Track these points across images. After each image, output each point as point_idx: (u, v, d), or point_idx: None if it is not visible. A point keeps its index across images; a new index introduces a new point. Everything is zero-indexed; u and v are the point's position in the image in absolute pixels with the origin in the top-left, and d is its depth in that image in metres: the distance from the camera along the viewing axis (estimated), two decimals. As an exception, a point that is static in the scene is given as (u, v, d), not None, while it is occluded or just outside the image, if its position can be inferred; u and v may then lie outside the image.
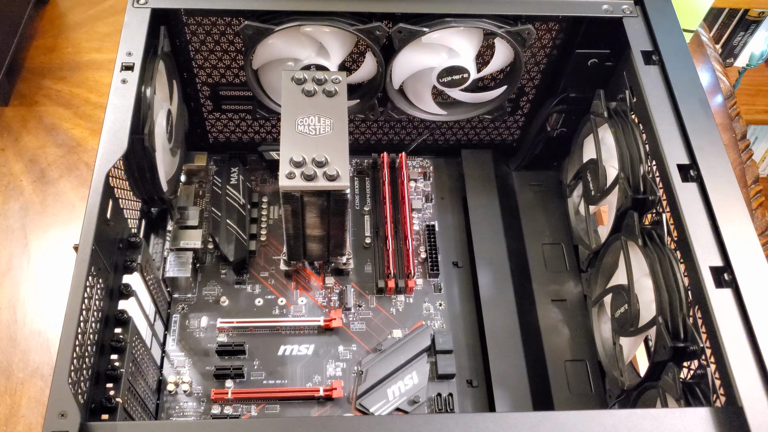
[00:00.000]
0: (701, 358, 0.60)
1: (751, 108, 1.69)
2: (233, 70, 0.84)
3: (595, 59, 0.80)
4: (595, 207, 0.84)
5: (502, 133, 0.96)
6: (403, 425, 0.53)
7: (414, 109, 0.87)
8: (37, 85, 1.14)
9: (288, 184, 0.68)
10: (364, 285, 0.86)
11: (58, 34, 1.22)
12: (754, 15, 1.63)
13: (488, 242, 0.88)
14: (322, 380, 0.79)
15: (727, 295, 0.58)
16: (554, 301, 0.86)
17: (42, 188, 1.02)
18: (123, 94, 0.66)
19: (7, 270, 0.94)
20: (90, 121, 1.10)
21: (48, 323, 0.89)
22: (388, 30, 0.75)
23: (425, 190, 0.95)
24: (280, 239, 0.87)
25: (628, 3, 0.76)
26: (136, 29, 0.70)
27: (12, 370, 0.85)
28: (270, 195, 0.93)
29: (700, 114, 0.68)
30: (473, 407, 0.78)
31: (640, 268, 0.69)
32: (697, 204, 0.63)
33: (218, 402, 0.76)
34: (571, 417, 0.53)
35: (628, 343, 0.74)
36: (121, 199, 0.70)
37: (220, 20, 0.77)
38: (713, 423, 0.53)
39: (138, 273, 0.69)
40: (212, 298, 0.84)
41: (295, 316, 0.83)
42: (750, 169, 1.13)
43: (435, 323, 0.84)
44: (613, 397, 0.77)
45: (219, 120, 0.92)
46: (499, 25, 0.76)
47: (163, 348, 0.80)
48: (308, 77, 0.74)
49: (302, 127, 0.71)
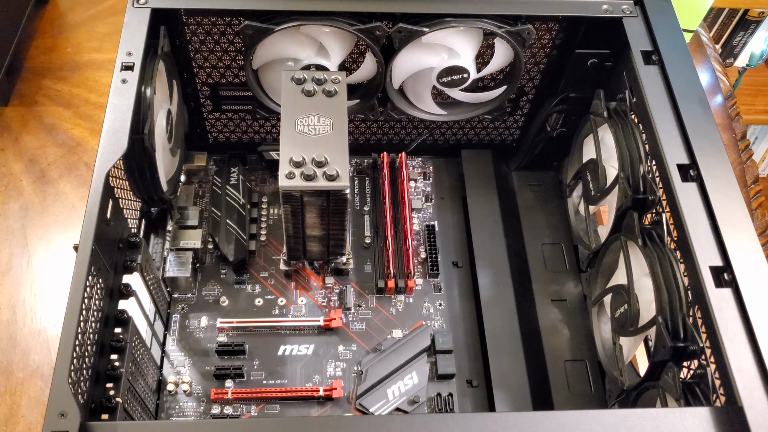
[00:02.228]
0: (701, 357, 0.60)
1: (751, 108, 1.69)
2: (233, 70, 0.84)
3: (594, 59, 0.80)
4: (594, 207, 0.84)
5: (502, 133, 0.96)
6: (403, 425, 0.53)
7: (414, 109, 0.87)
8: (37, 85, 1.14)
9: (288, 184, 0.68)
10: (364, 285, 0.86)
11: (58, 34, 1.22)
12: (754, 15, 1.63)
13: (488, 242, 0.88)
14: (322, 380, 0.79)
15: (727, 294, 0.58)
16: (554, 301, 0.86)
17: (42, 188, 1.02)
18: (123, 94, 0.66)
19: (7, 270, 0.94)
20: (90, 121, 1.10)
21: (48, 323, 0.89)
22: (388, 30, 0.75)
23: (425, 190, 0.95)
24: (280, 239, 0.87)
25: (628, 3, 0.76)
26: (136, 29, 0.70)
27: (12, 370, 0.85)
28: (270, 195, 0.93)
29: (700, 114, 0.68)
30: (473, 407, 0.78)
31: (640, 268, 0.69)
32: (697, 204, 0.63)
33: (218, 402, 0.76)
34: (571, 417, 0.53)
35: (628, 343, 0.74)
36: (121, 199, 0.70)
37: (220, 20, 0.77)
38: (713, 423, 0.53)
39: (138, 273, 0.69)
40: (212, 298, 0.84)
41: (295, 316, 0.83)
42: (750, 169, 1.13)
43: (435, 323, 0.84)
44: (613, 397, 0.77)
45: (219, 120, 0.92)
46: (499, 25, 0.76)
47: (163, 348, 0.80)
48: (308, 77, 0.74)
49: (302, 127, 0.71)
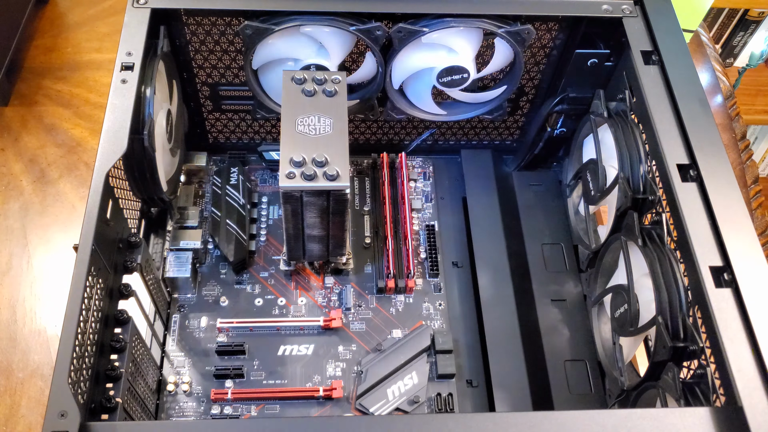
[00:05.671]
0: (701, 357, 0.60)
1: (751, 108, 1.69)
2: (233, 70, 0.84)
3: (595, 59, 0.80)
4: (594, 207, 0.84)
5: (502, 133, 0.96)
6: (403, 425, 0.53)
7: (414, 109, 0.87)
8: (37, 85, 1.14)
9: (288, 184, 0.68)
10: (363, 285, 0.86)
11: (58, 34, 1.22)
12: (754, 15, 1.63)
13: (488, 242, 0.88)
14: (322, 380, 0.79)
15: (727, 294, 0.58)
16: (554, 301, 0.86)
17: (42, 188, 1.02)
18: (123, 94, 0.66)
19: (7, 270, 0.94)
20: (90, 121, 1.10)
21: (48, 323, 0.89)
22: (388, 30, 0.75)
23: (425, 190, 0.95)
24: (280, 239, 0.87)
25: (628, 3, 0.76)
26: (136, 29, 0.70)
27: (12, 370, 0.85)
28: (270, 195, 0.93)
29: (700, 114, 0.68)
30: (473, 407, 0.78)
31: (640, 268, 0.69)
32: (696, 204, 0.63)
33: (218, 402, 0.76)
34: (571, 417, 0.53)
35: (628, 343, 0.74)
36: (121, 199, 0.70)
37: (220, 20, 0.77)
38: (713, 423, 0.53)
39: (138, 273, 0.69)
40: (212, 298, 0.84)
41: (294, 316, 0.83)
42: (750, 169, 1.13)
43: (435, 323, 0.84)
44: (612, 397, 0.77)
45: (219, 120, 0.92)
46: (498, 25, 0.76)
47: (163, 348, 0.80)
48: (308, 77, 0.74)
49: (302, 127, 0.71)
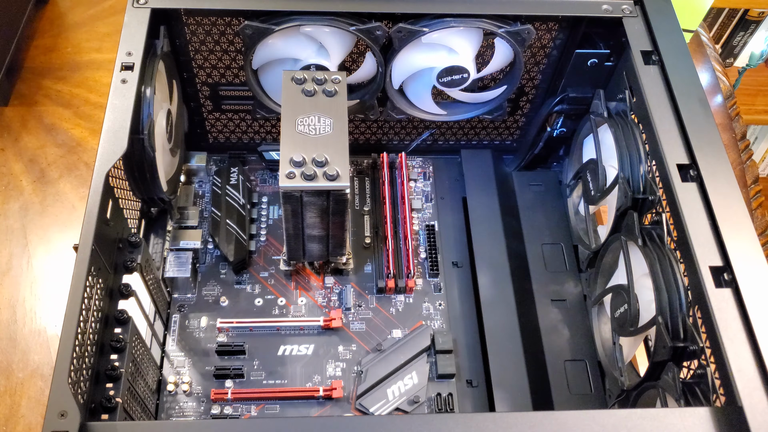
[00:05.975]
0: (701, 357, 0.60)
1: (751, 108, 1.69)
2: (233, 70, 0.84)
3: (595, 59, 0.80)
4: (594, 207, 0.84)
5: (502, 133, 0.96)
6: (403, 425, 0.53)
7: (414, 109, 0.87)
8: (37, 85, 1.14)
9: (288, 184, 0.68)
10: (363, 285, 0.86)
11: (58, 34, 1.22)
12: (754, 15, 1.63)
13: (488, 242, 0.88)
14: (322, 380, 0.79)
15: (727, 295, 0.58)
16: (554, 301, 0.86)
17: (42, 188, 1.02)
18: (123, 94, 0.66)
19: (7, 270, 0.94)
20: (90, 121, 1.10)
21: (48, 323, 0.89)
22: (388, 30, 0.75)
23: (425, 190, 0.95)
24: (280, 239, 0.87)
25: (628, 3, 0.76)
26: (136, 29, 0.70)
27: (12, 370, 0.85)
28: (270, 195, 0.93)
29: (700, 114, 0.68)
30: (473, 407, 0.78)
31: (640, 268, 0.69)
32: (696, 204, 0.63)
33: (218, 402, 0.76)
34: (571, 417, 0.53)
35: (628, 343, 0.74)
36: (121, 199, 0.70)
37: (220, 20, 0.77)
38: (713, 423, 0.53)
39: (138, 273, 0.69)
40: (212, 298, 0.84)
41: (294, 316, 0.83)
42: (750, 169, 1.13)
43: (435, 323, 0.84)
44: (612, 397, 0.77)
45: (219, 120, 0.92)
46: (498, 25, 0.76)
47: (163, 348, 0.80)
48: (308, 77, 0.74)
49: (302, 127, 0.71)
